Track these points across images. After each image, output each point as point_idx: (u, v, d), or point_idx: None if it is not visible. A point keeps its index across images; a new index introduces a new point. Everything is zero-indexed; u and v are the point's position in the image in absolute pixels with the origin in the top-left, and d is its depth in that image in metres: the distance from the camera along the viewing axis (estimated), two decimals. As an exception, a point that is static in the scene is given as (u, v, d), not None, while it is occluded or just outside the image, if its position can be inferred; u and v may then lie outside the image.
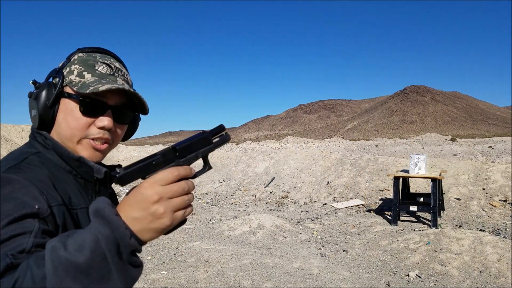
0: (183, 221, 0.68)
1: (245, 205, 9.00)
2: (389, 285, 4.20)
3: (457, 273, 4.37)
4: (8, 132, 15.88)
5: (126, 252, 0.60)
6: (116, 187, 11.32)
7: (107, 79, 0.93)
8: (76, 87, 0.90)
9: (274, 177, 10.60)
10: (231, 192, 10.24)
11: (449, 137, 33.89)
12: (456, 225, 6.68)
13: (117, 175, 0.64)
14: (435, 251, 4.88)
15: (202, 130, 0.76)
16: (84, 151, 0.91)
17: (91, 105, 0.90)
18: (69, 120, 0.90)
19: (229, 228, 6.36)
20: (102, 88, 0.87)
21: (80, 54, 0.96)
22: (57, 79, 0.92)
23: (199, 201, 9.66)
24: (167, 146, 0.76)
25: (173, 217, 0.64)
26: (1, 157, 0.95)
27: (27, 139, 0.99)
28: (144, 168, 0.66)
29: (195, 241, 5.74)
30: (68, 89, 0.92)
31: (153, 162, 0.67)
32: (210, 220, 7.43)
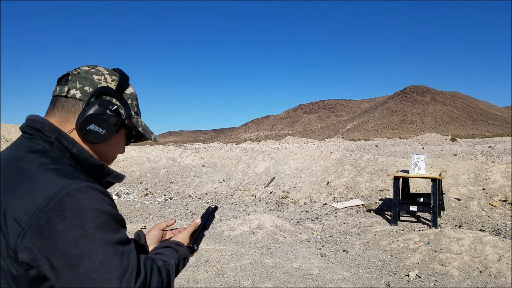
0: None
1: (245, 205, 9.00)
2: (389, 285, 4.20)
3: (457, 273, 4.37)
4: (8, 132, 15.87)
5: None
6: (116, 188, 11.31)
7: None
8: (141, 127, 1.08)
9: (274, 177, 10.60)
10: (231, 192, 10.23)
11: (449, 137, 33.89)
12: (456, 225, 6.68)
13: (195, 247, 1.14)
14: (435, 251, 4.88)
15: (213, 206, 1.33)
16: (106, 163, 1.07)
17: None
18: (117, 148, 1.07)
19: (229, 228, 6.36)
20: (157, 139, 1.15)
21: (132, 89, 1.09)
22: (123, 111, 1.03)
23: (199, 201, 9.66)
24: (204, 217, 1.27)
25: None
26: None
27: None
28: (201, 237, 1.20)
29: (195, 241, 5.74)
30: (128, 122, 1.06)
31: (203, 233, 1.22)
32: (210, 220, 7.42)
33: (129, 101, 1.05)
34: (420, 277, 4.36)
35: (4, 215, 0.84)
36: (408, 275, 4.43)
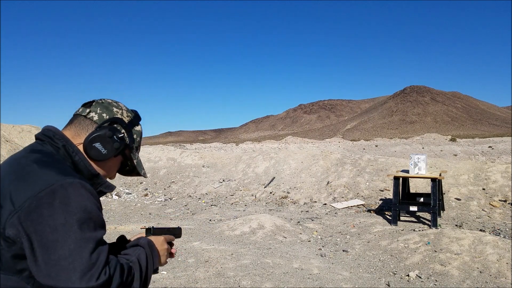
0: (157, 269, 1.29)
1: (245, 205, 9.00)
2: (389, 285, 4.20)
3: (457, 273, 4.37)
4: (8, 132, 15.85)
5: (155, 268, 1.21)
6: (116, 188, 11.26)
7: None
8: (135, 160, 1.25)
9: (274, 177, 10.60)
10: (231, 192, 10.23)
11: (449, 137, 33.90)
12: (456, 225, 6.68)
13: (152, 229, 1.27)
14: (435, 251, 4.88)
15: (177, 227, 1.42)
16: None
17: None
18: (110, 171, 1.21)
19: (229, 228, 6.36)
20: (146, 176, 1.29)
21: (140, 128, 1.27)
22: (128, 140, 1.20)
23: (199, 201, 9.66)
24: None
25: (166, 256, 1.28)
26: (1, 158, 1.02)
27: (28, 139, 1.07)
28: (164, 232, 1.32)
29: (195, 241, 5.74)
30: (127, 152, 1.23)
31: (169, 231, 1.34)
32: (210, 220, 7.43)
33: (135, 136, 1.23)
34: (420, 277, 4.36)
35: (5, 198, 0.97)
36: (408, 275, 4.43)
